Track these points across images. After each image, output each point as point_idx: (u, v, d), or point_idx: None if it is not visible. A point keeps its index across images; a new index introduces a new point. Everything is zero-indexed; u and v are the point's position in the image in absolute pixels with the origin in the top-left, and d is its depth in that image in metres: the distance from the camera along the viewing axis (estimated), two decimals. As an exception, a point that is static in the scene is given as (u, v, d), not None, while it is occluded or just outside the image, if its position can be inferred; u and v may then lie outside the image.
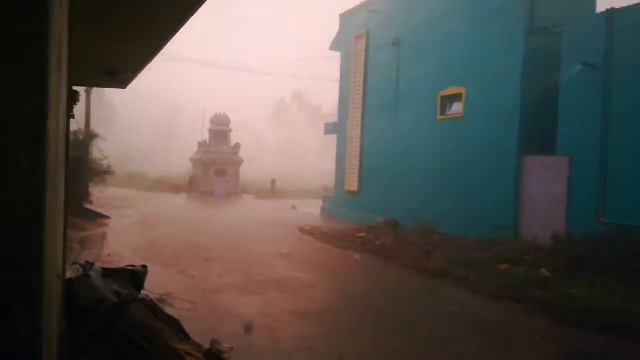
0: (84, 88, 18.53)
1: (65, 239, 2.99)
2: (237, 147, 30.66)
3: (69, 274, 3.23)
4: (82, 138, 18.60)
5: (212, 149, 29.97)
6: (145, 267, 3.76)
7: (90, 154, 19.27)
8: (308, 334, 5.96)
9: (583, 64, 10.26)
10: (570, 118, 10.63)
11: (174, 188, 29.43)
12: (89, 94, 20.03)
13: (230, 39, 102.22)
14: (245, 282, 8.43)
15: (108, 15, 3.85)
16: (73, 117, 4.81)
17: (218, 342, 3.71)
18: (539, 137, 11.39)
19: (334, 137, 20.59)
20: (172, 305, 5.43)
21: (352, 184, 18.36)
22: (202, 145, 30.63)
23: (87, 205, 15.93)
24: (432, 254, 10.85)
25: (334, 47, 20.22)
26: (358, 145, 18.07)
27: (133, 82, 7.69)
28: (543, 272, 8.78)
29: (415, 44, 15.20)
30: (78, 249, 9.69)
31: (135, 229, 13.81)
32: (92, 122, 20.69)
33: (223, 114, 31.19)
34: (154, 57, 5.63)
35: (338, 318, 6.75)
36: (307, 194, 29.07)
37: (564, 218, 10.44)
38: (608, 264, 8.21)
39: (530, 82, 11.47)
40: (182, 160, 35.36)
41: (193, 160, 30.46)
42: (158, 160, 43.39)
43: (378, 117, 16.88)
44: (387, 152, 16.19)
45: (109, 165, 20.82)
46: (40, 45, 1.46)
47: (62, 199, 2.27)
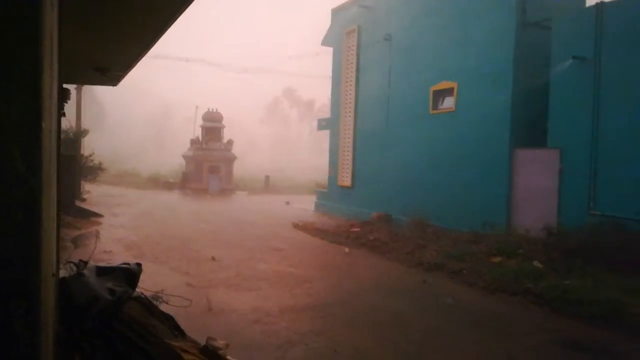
0: (75, 86, 18.43)
1: (59, 238, 2.99)
2: (230, 143, 30.53)
3: (63, 273, 3.23)
4: (73, 136, 18.51)
5: (204, 146, 29.84)
6: (140, 264, 3.76)
7: (82, 152, 19.20)
8: (303, 329, 5.99)
9: (573, 58, 10.34)
10: (561, 111, 10.72)
11: (167, 185, 29.28)
12: (80, 92, 19.90)
13: (221, 36, 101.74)
14: (240, 278, 8.44)
15: (98, 14, 3.84)
16: (64, 115, 4.79)
17: (214, 338, 3.71)
18: (531, 130, 11.48)
19: (327, 132, 20.60)
20: (166, 302, 5.42)
21: (345, 179, 18.39)
22: (194, 142, 30.47)
23: (79, 204, 15.85)
24: (425, 248, 10.93)
25: (326, 42, 20.19)
26: (351, 141, 18.09)
27: (124, 79, 7.67)
28: (535, 264, 8.88)
29: (407, 39, 15.21)
30: (71, 248, 9.64)
31: (129, 227, 13.76)
32: (83, 119, 20.58)
33: (215, 111, 30.94)
34: (144, 54, 5.63)
35: (333, 312, 6.78)
36: (300, 190, 29.09)
37: (556, 210, 10.54)
38: (599, 256, 8.32)
39: (522, 76, 11.54)
40: (174, 157, 35.19)
41: (186, 157, 30.30)
42: (150, 158, 43.16)
43: (370, 112, 16.90)
44: (379, 147, 16.23)
45: (101, 163, 20.77)
46: (34, 47, 1.46)
47: (54, 198, 2.28)
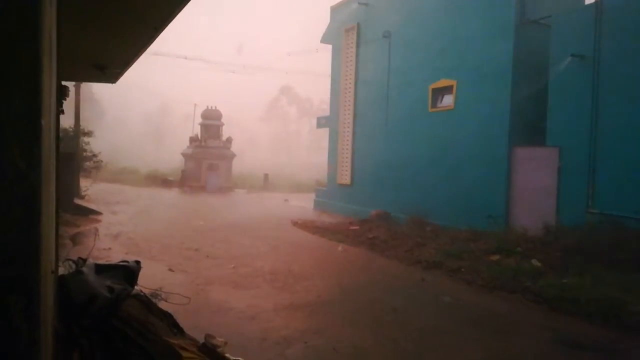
0: (73, 83, 18.38)
1: (57, 235, 2.98)
2: (229, 141, 30.49)
3: (62, 270, 3.23)
4: (72, 133, 18.49)
5: (203, 144, 29.80)
6: (139, 262, 3.75)
7: (81, 150, 19.18)
8: (302, 326, 6.00)
9: (572, 56, 10.35)
10: (560, 109, 10.72)
11: (166, 183, 29.23)
12: (79, 89, 19.84)
13: (220, 33, 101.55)
14: (238, 275, 8.45)
15: (97, 11, 3.83)
16: (63, 112, 4.78)
17: (212, 336, 3.71)
18: (529, 128, 11.49)
19: (326, 130, 20.59)
20: (165, 300, 5.42)
21: (344, 177, 18.40)
22: (193, 140, 30.41)
23: (78, 201, 15.83)
24: (424, 246, 10.94)
25: (325, 39, 20.17)
26: (350, 139, 18.09)
27: (122, 76, 7.65)
28: (534, 262, 8.89)
29: (406, 37, 15.21)
30: (70, 245, 9.64)
31: (128, 225, 13.75)
32: (81, 117, 20.53)
33: (214, 108, 30.86)
34: (143, 51, 5.61)
35: (331, 310, 6.79)
36: (299, 188, 29.09)
37: (554, 208, 10.56)
38: (597, 254, 8.33)
39: (521, 74, 11.55)
40: (173, 155, 35.14)
41: (185, 155, 30.25)
42: (149, 155, 43.12)
43: (370, 110, 16.91)
44: (378, 145, 16.23)
45: (100, 161, 20.75)
46: (33, 45, 1.46)
47: (53, 195, 2.28)
